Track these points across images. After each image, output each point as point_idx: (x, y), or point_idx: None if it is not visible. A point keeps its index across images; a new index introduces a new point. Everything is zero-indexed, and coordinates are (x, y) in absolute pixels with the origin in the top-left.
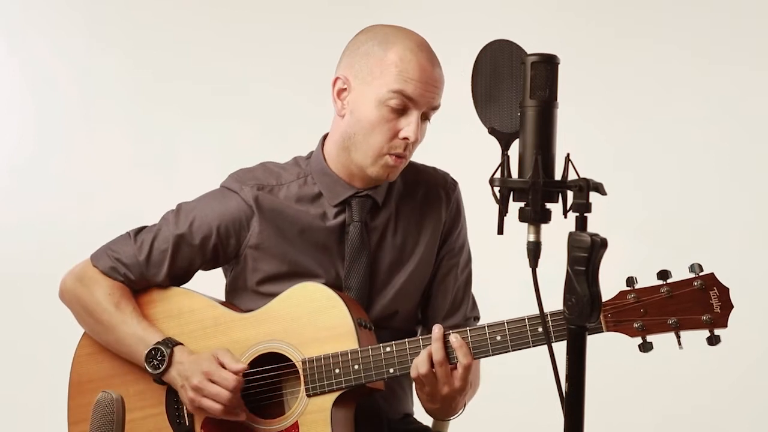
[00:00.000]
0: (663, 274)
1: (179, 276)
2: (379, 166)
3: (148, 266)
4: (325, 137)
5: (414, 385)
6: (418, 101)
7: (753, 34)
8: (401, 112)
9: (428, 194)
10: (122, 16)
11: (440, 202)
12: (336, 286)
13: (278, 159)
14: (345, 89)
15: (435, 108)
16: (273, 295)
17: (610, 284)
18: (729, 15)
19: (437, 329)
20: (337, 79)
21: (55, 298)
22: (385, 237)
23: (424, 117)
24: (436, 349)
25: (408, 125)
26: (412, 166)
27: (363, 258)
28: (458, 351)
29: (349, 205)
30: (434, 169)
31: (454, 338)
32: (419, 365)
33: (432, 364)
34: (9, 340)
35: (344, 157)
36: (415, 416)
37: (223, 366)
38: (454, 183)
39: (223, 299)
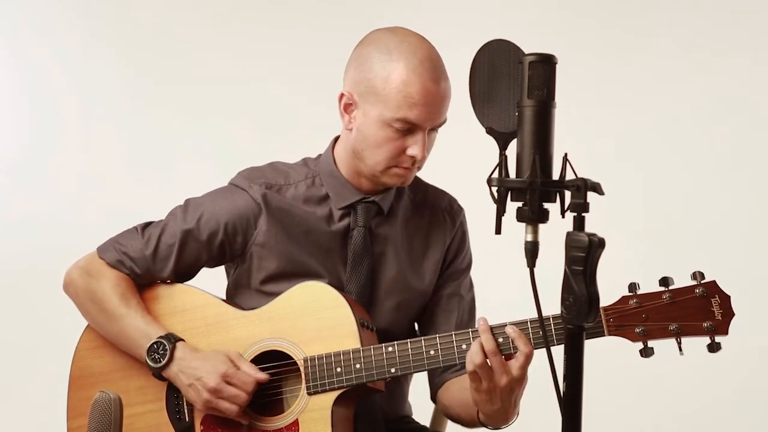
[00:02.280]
0: (665, 281)
1: (185, 272)
2: (388, 176)
3: (154, 261)
4: (336, 139)
5: (470, 388)
6: (422, 124)
7: (753, 29)
8: (407, 132)
9: (434, 218)
10: (120, 15)
11: (445, 227)
12: (337, 288)
13: (276, 159)
14: (351, 104)
15: (441, 124)
16: (276, 295)
17: (608, 284)
18: (729, 11)
19: (483, 321)
20: (342, 95)
21: (53, 294)
22: (388, 249)
23: (432, 130)
24: (486, 339)
25: (414, 144)
26: (422, 185)
27: (365, 264)
28: (518, 341)
29: (354, 209)
30: (443, 192)
31: (511, 329)
32: (474, 356)
33: (485, 355)
34: (8, 337)
35: (356, 164)
36: (412, 417)
37: (237, 368)
38: (460, 209)
39: (225, 298)
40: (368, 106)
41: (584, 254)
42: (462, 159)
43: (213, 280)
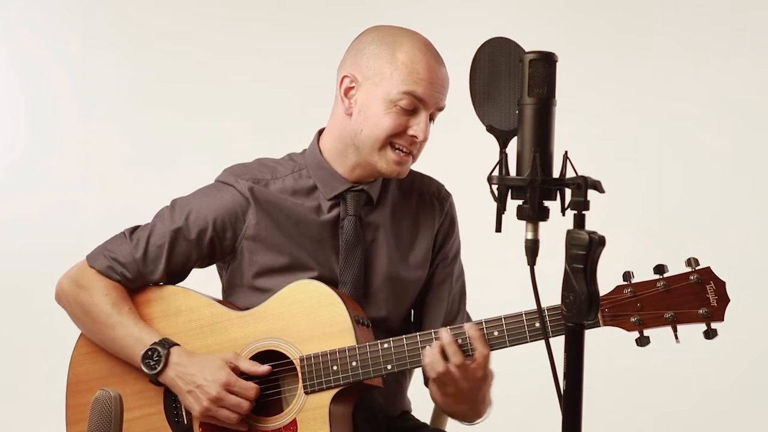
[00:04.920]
0: (659, 269)
1: (176, 273)
2: (385, 160)
3: (145, 263)
4: (320, 132)
5: (437, 394)
6: (427, 102)
7: (753, 29)
8: (410, 112)
9: (422, 203)
10: (120, 15)
11: (433, 211)
12: (331, 279)
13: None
14: (353, 87)
15: (441, 109)
16: (269, 290)
17: (608, 282)
18: (729, 10)
19: (445, 333)
20: (344, 77)
21: (51, 296)
22: (379, 237)
23: (430, 118)
24: (453, 352)
25: (417, 124)
26: (409, 173)
27: (358, 252)
28: (476, 342)
29: (343, 199)
30: (429, 178)
31: (470, 328)
32: (435, 364)
33: (446, 358)
34: (6, 338)
35: (350, 153)
36: (412, 413)
37: (237, 371)
38: (447, 194)
39: (220, 298)
40: (373, 86)
41: (585, 252)
42: (462, 157)
43: (208, 280)
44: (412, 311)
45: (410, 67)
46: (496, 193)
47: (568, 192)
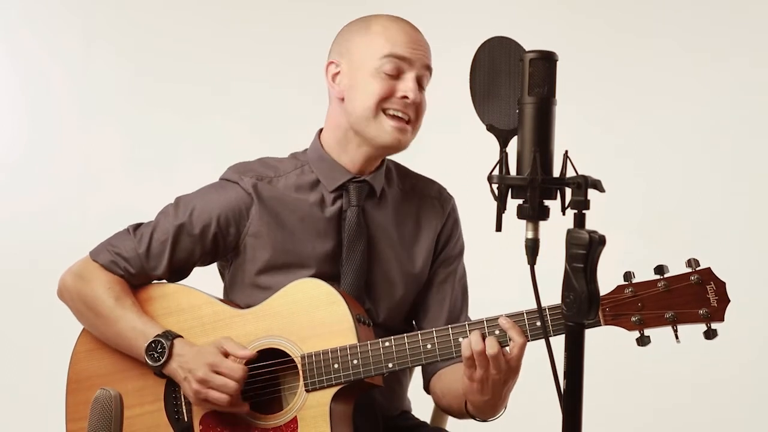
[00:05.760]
0: (660, 269)
1: (179, 269)
2: (383, 129)
3: (148, 258)
4: (320, 131)
5: (463, 376)
6: (411, 59)
7: (753, 29)
8: (396, 76)
9: (424, 205)
10: (120, 15)
11: (435, 213)
12: (334, 273)
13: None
14: (338, 72)
15: (428, 68)
16: (271, 288)
17: (608, 281)
18: (729, 10)
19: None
20: (329, 63)
21: (51, 295)
22: (381, 234)
23: (419, 83)
24: (490, 344)
25: (405, 85)
26: (411, 175)
27: (361, 244)
28: (511, 331)
29: (346, 190)
30: (431, 181)
31: (504, 321)
32: (474, 343)
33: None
34: (6, 337)
35: (350, 137)
36: (412, 413)
37: (227, 355)
38: (449, 196)
39: (222, 297)
40: (356, 63)
41: (585, 251)
42: (462, 157)
43: (210, 279)
44: (413, 313)
45: (385, 33)
46: (496, 192)
47: (568, 191)
